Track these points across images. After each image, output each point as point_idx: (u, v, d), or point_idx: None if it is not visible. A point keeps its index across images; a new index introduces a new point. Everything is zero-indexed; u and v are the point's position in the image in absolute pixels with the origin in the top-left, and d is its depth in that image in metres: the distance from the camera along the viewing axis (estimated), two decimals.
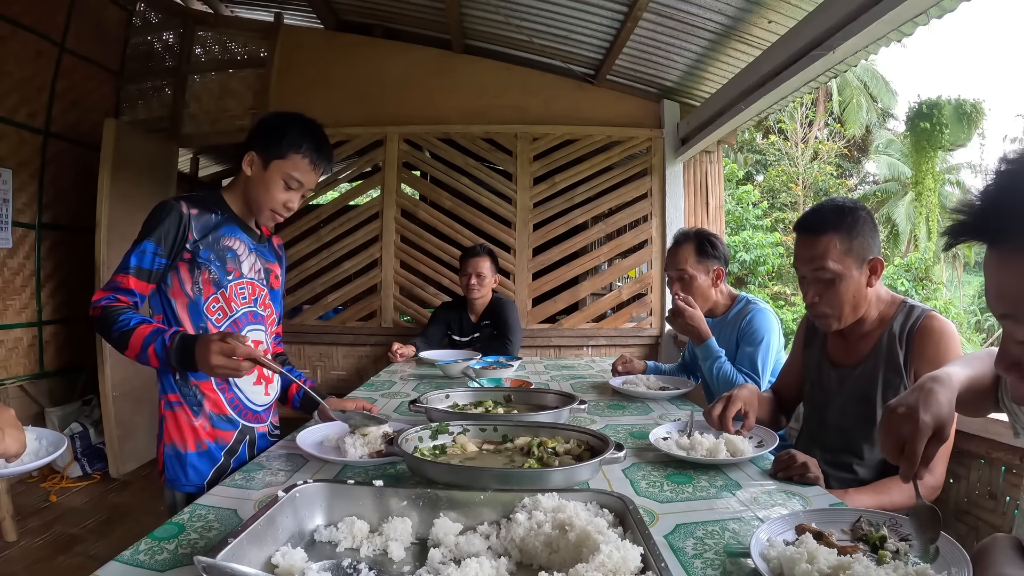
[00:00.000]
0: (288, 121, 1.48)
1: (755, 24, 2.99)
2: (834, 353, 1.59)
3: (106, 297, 1.37)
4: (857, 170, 19.47)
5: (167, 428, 1.46)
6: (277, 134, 1.46)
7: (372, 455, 1.27)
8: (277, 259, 1.66)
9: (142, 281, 1.39)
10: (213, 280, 1.45)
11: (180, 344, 1.30)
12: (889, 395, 1.43)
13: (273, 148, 1.45)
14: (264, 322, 1.59)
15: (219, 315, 1.47)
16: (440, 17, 3.91)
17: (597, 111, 4.10)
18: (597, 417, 1.73)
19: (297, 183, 1.47)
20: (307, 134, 1.47)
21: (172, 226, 1.40)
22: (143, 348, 1.32)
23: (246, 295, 1.53)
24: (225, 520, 0.99)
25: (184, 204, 1.43)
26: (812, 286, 1.47)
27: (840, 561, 0.77)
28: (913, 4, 1.87)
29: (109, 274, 1.43)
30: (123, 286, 1.38)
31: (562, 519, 0.84)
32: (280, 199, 1.48)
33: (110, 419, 3.63)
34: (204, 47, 4.49)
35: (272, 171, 1.46)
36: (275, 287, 1.63)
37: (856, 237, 1.43)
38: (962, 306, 16.22)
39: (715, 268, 2.19)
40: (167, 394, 1.45)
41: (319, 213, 4.19)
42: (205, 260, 1.44)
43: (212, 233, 1.46)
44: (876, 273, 1.45)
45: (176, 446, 1.45)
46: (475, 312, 3.07)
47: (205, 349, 1.25)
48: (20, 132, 3.71)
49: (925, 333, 1.41)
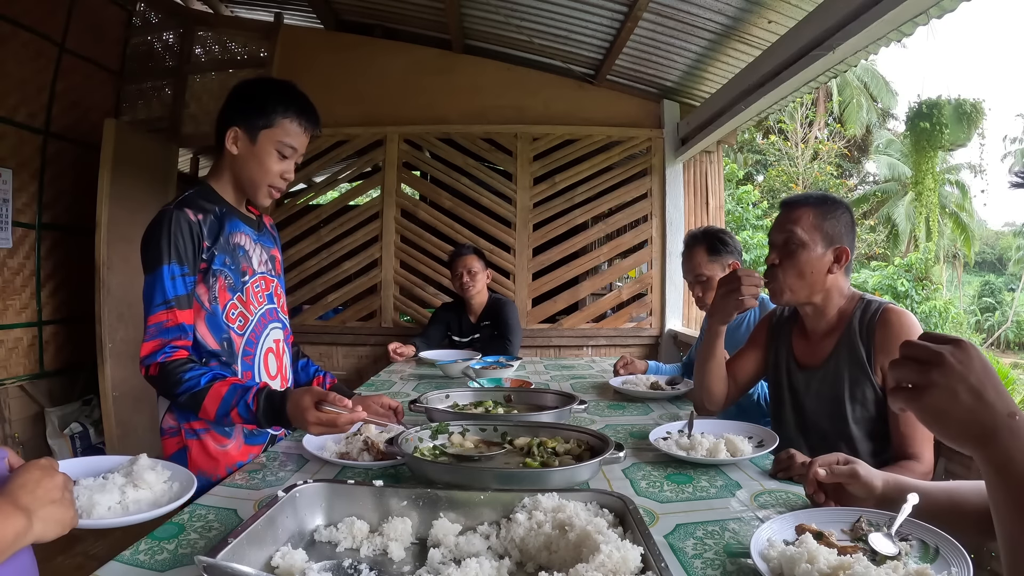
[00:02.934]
0: (266, 87, 1.38)
1: (755, 24, 2.99)
2: (800, 354, 1.59)
3: (161, 352, 1.22)
4: (857, 170, 19.48)
5: (192, 458, 1.31)
6: (259, 102, 1.35)
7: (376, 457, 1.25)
8: (275, 243, 1.59)
9: (186, 310, 1.26)
10: (229, 286, 1.35)
11: (267, 406, 1.19)
12: (856, 393, 1.43)
13: (258, 118, 1.34)
14: (280, 316, 1.54)
15: (240, 322, 1.38)
16: (440, 17, 3.90)
17: (597, 111, 4.10)
18: (597, 417, 1.73)
19: (291, 149, 1.37)
20: (291, 96, 1.37)
21: (186, 240, 1.27)
22: (224, 412, 1.20)
23: (261, 292, 1.45)
24: (225, 520, 0.99)
25: (189, 211, 1.30)
26: (776, 249, 1.51)
27: (840, 561, 0.77)
28: (913, 4, 1.87)
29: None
30: (171, 324, 1.23)
31: (562, 519, 0.84)
32: (276, 170, 1.37)
33: (110, 419, 3.63)
34: (204, 47, 4.48)
35: (263, 142, 1.35)
36: (280, 274, 1.57)
37: (829, 219, 1.47)
38: (962, 306, 16.22)
39: (730, 263, 2.17)
40: (190, 422, 1.32)
41: (319, 213, 4.19)
42: (220, 266, 1.33)
43: (221, 234, 1.35)
44: (839, 261, 1.47)
45: (206, 474, 1.29)
46: (474, 312, 3.08)
47: (300, 417, 1.15)
48: (20, 132, 3.70)
49: (884, 326, 1.41)
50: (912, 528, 0.89)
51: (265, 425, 1.23)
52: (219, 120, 1.38)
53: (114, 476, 0.98)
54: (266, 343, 1.46)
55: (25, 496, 0.69)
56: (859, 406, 1.44)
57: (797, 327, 1.63)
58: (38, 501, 0.70)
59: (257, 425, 1.24)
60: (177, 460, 1.27)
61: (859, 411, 1.44)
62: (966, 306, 17.16)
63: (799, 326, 1.62)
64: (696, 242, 2.22)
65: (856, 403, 1.44)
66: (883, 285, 11.41)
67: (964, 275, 19.24)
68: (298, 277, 4.12)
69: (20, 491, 0.69)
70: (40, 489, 0.71)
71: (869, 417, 1.43)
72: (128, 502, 0.94)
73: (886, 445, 1.42)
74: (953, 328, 11.85)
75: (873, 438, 1.44)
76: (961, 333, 13.14)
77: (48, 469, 0.74)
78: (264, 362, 1.44)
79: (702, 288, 2.20)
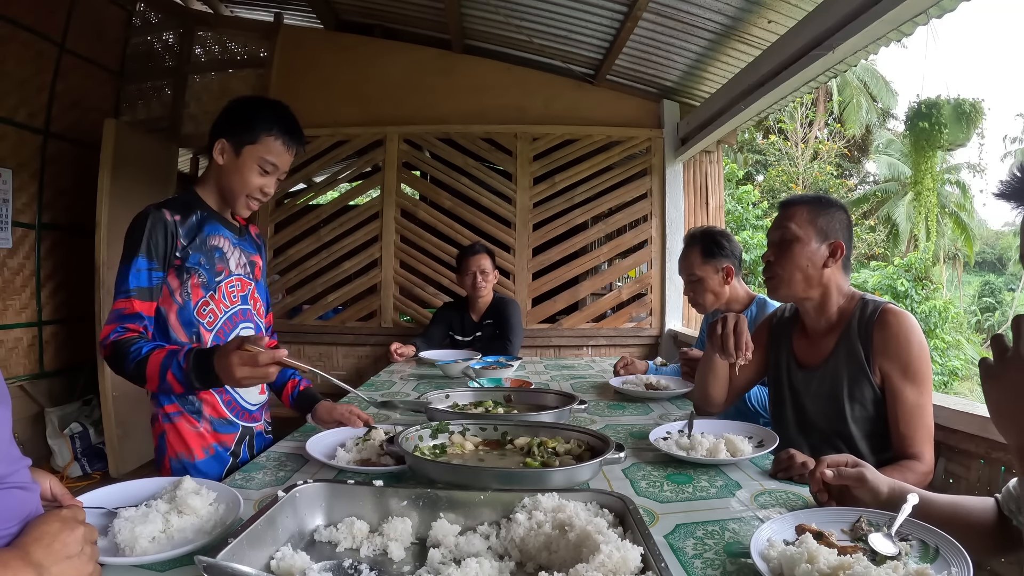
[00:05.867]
0: (256, 105, 1.45)
1: (755, 24, 2.99)
2: (800, 354, 1.60)
3: (114, 331, 1.30)
4: (857, 170, 19.48)
5: (170, 442, 1.41)
6: (247, 119, 1.42)
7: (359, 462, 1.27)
8: (258, 250, 1.64)
9: (145, 301, 1.34)
10: (202, 284, 1.42)
11: (196, 362, 1.22)
12: (855, 392, 1.45)
13: (244, 133, 1.41)
14: (254, 318, 1.57)
15: (210, 318, 1.44)
16: (440, 17, 3.90)
17: (597, 111, 4.10)
18: (597, 417, 1.73)
19: (272, 166, 1.43)
20: (277, 116, 1.43)
21: (160, 236, 1.36)
22: (162, 376, 1.24)
23: (235, 293, 1.51)
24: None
25: (166, 211, 1.38)
26: (773, 246, 1.55)
27: (840, 561, 0.77)
28: (913, 4, 1.87)
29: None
30: (128, 312, 1.32)
31: (562, 519, 0.84)
32: (255, 184, 1.43)
33: (110, 419, 3.63)
34: (204, 47, 4.48)
35: (245, 156, 1.41)
36: (259, 279, 1.62)
37: (823, 214, 1.51)
38: (962, 306, 16.22)
39: (724, 266, 2.17)
40: (163, 407, 1.41)
41: (319, 213, 4.19)
42: (194, 265, 1.40)
43: (198, 235, 1.43)
44: (835, 256, 1.49)
45: (183, 457, 1.40)
46: (477, 311, 3.07)
47: (226, 362, 1.17)
48: (20, 132, 3.71)
49: (882, 326, 1.42)
50: (912, 528, 0.89)
51: (197, 384, 1.24)
52: (211, 131, 1.46)
53: (157, 503, 0.95)
54: None
55: (39, 551, 0.64)
56: (858, 405, 1.44)
57: (798, 327, 1.63)
58: (53, 556, 0.65)
59: (189, 387, 1.25)
60: (159, 446, 1.41)
61: (858, 410, 1.44)
62: (966, 306, 17.17)
63: (800, 326, 1.63)
64: (693, 242, 2.23)
65: (855, 402, 1.44)
66: (883, 285, 11.39)
67: (964, 275, 19.24)
68: (298, 277, 4.12)
69: (34, 545, 0.65)
70: (57, 543, 0.66)
71: (868, 416, 1.44)
72: (173, 531, 0.90)
73: (885, 444, 1.42)
74: (953, 328, 11.85)
75: (872, 437, 1.44)
76: (961, 333, 13.15)
77: (69, 521, 0.68)
78: None
79: (693, 288, 2.21)
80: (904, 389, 1.39)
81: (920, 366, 1.40)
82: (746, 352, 1.50)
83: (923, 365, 1.40)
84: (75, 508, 0.72)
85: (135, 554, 0.84)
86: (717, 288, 2.18)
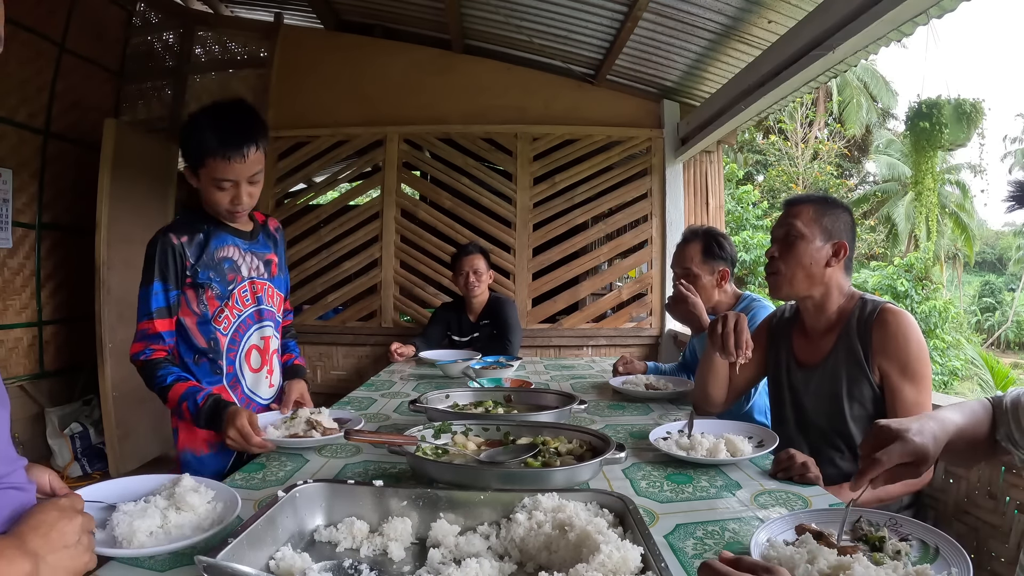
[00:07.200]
0: (195, 125, 1.42)
1: (755, 24, 2.99)
2: (800, 353, 1.60)
3: (142, 352, 1.45)
4: (857, 170, 19.48)
5: (180, 437, 1.53)
6: (189, 143, 1.42)
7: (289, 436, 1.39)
8: (273, 246, 1.67)
9: (165, 319, 1.46)
10: (217, 295, 1.50)
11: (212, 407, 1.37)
12: (854, 391, 1.45)
13: (193, 159, 1.43)
14: (272, 316, 1.64)
15: (225, 324, 1.53)
16: (440, 17, 3.90)
17: (597, 111, 4.10)
18: (597, 417, 1.73)
19: (228, 182, 1.42)
20: (214, 131, 1.39)
21: (169, 260, 1.45)
22: (178, 405, 1.40)
23: (249, 296, 1.58)
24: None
25: (173, 235, 1.47)
26: (776, 243, 1.56)
27: (840, 561, 0.77)
28: (913, 4, 1.87)
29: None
30: (152, 332, 1.45)
31: (562, 519, 0.84)
32: (222, 201, 1.45)
33: (110, 419, 3.62)
34: (204, 47, 4.48)
35: (202, 179, 1.44)
36: (275, 275, 1.66)
37: (828, 214, 1.52)
38: (962, 306, 16.22)
39: (720, 269, 2.16)
40: None
41: (319, 213, 4.19)
42: (205, 280, 1.48)
43: (206, 251, 1.49)
44: (838, 256, 1.50)
45: (191, 451, 1.52)
46: (474, 312, 3.07)
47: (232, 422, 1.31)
48: (20, 132, 3.71)
49: (881, 326, 1.43)
50: (912, 528, 0.89)
51: (201, 422, 1.38)
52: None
53: (155, 499, 0.96)
54: (250, 341, 1.60)
55: (35, 539, 0.64)
56: (857, 404, 1.45)
57: (797, 326, 1.63)
58: (49, 545, 0.64)
59: (194, 421, 1.39)
60: (174, 439, 1.55)
61: (857, 409, 1.45)
62: (966, 306, 17.16)
63: (799, 325, 1.63)
64: (695, 237, 2.21)
65: (854, 401, 1.45)
66: (883, 285, 11.38)
67: (964, 275, 19.24)
68: (298, 277, 4.11)
69: (31, 533, 0.64)
70: (54, 532, 0.65)
71: (867, 415, 1.44)
72: (170, 527, 0.92)
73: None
74: (953, 328, 11.84)
75: None
76: (961, 333, 13.14)
77: (67, 510, 0.68)
78: (247, 357, 1.60)
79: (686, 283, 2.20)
80: (903, 388, 1.39)
81: (919, 365, 1.40)
82: (746, 351, 1.50)
83: (922, 364, 1.40)
84: (73, 497, 0.72)
85: (132, 547, 0.85)
86: (709, 290, 2.17)
